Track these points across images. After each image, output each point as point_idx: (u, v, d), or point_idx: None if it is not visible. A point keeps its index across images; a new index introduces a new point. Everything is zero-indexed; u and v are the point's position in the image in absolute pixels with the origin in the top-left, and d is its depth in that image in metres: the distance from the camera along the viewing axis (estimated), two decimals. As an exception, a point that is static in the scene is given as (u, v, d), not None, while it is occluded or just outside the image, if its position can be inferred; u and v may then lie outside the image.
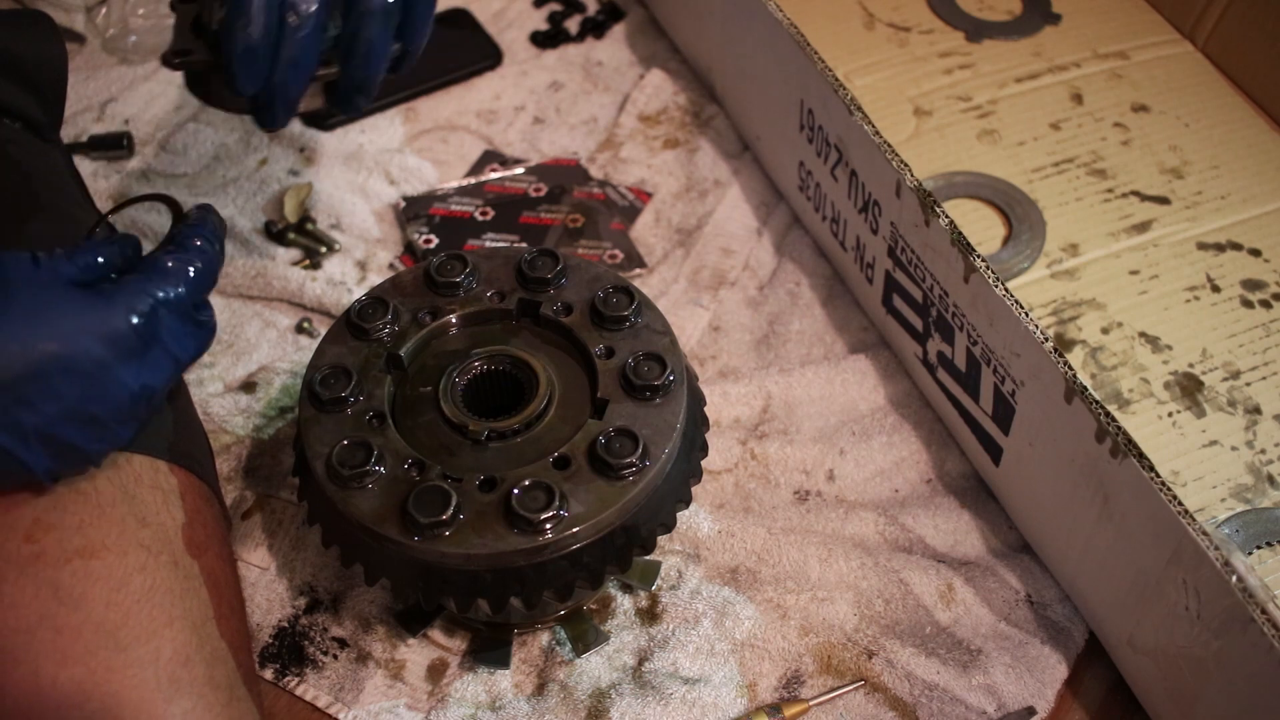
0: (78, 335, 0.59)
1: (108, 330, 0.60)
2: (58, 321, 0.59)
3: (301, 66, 0.72)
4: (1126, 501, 0.70)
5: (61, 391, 0.59)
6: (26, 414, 0.58)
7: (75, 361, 0.59)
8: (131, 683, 0.62)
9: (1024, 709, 0.77)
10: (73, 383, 0.59)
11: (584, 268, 0.78)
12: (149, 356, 0.62)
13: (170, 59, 0.76)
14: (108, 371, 0.60)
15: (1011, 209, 0.93)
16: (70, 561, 0.64)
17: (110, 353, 0.60)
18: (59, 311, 0.60)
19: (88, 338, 0.60)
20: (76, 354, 0.59)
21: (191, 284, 0.64)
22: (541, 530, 0.66)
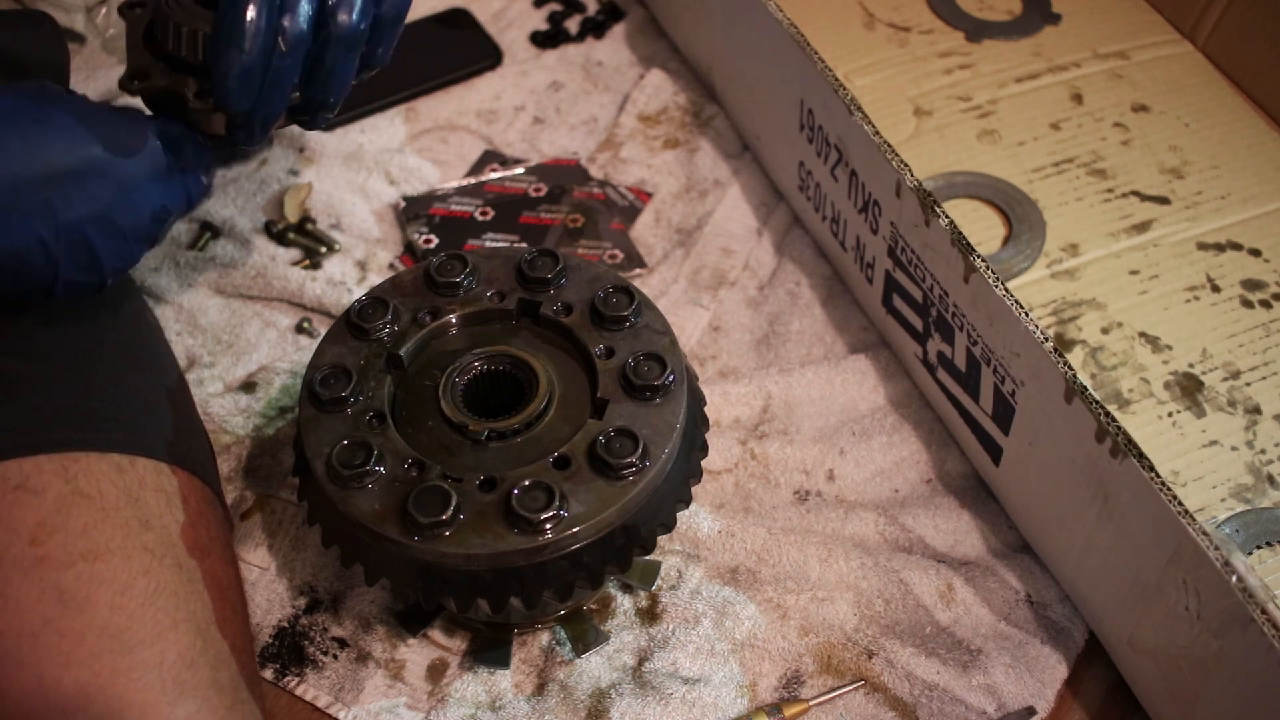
0: (118, 145, 0.67)
1: (144, 146, 0.68)
2: (100, 129, 0.66)
3: (284, 89, 0.72)
4: (1126, 501, 0.70)
5: (96, 194, 0.66)
6: (63, 208, 0.65)
7: (113, 168, 0.66)
8: (136, 686, 0.62)
9: (1024, 709, 0.77)
10: (106, 188, 0.66)
11: (584, 268, 0.78)
12: (171, 181, 0.70)
13: (128, 84, 0.74)
14: (137, 184, 0.67)
15: (1011, 209, 0.93)
16: (74, 565, 0.64)
17: (142, 168, 0.68)
18: (102, 121, 0.67)
19: (125, 150, 0.67)
20: (115, 162, 0.66)
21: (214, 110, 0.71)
22: (541, 530, 0.66)
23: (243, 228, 1.01)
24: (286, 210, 1.02)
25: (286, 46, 0.70)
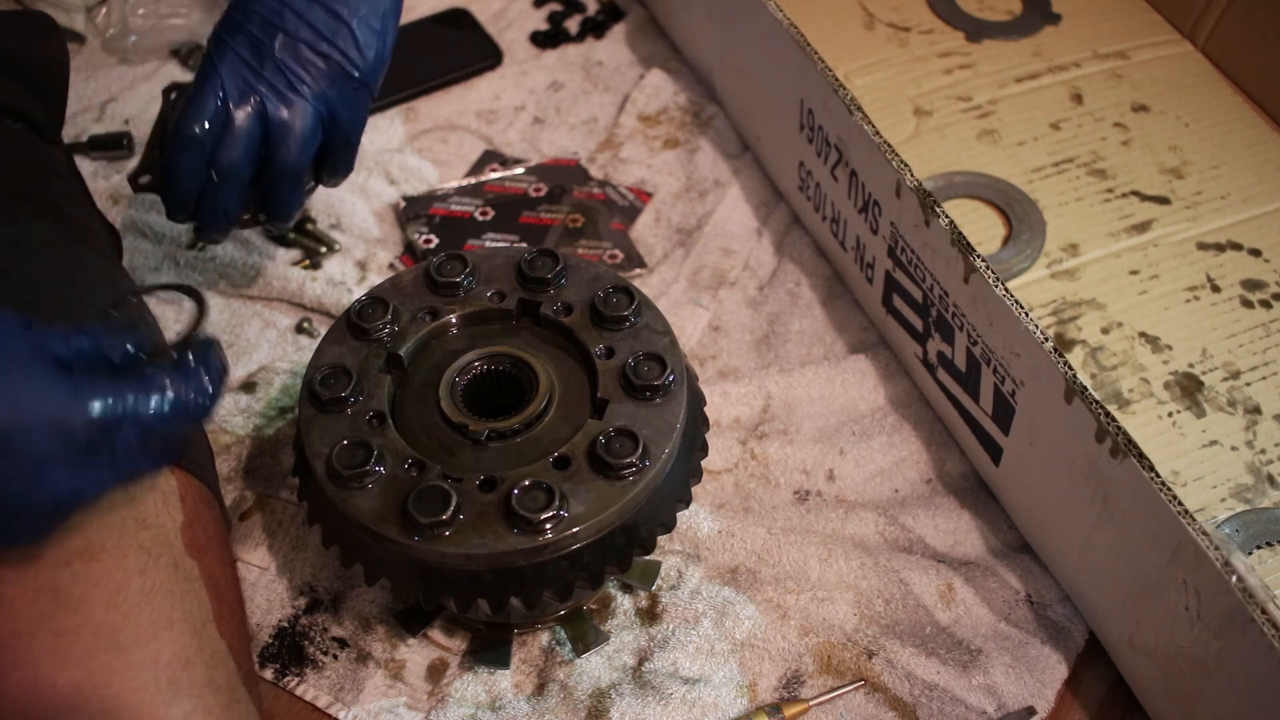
0: (27, 413, 0.52)
1: (59, 421, 0.53)
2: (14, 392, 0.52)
3: (225, 209, 0.80)
4: (1126, 501, 0.70)
5: None
6: None
7: (10, 438, 0.52)
8: (131, 685, 0.62)
9: (1024, 709, 0.77)
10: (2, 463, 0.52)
11: (584, 268, 0.78)
12: (92, 464, 0.54)
13: (132, 179, 0.86)
14: (41, 463, 0.53)
15: (1011, 209, 0.93)
16: (70, 564, 0.64)
17: (51, 445, 0.53)
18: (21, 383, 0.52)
19: (36, 420, 0.52)
20: (15, 430, 0.52)
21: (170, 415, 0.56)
22: (541, 530, 0.66)
23: (243, 228, 1.01)
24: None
25: (219, 178, 0.78)
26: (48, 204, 0.80)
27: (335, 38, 0.78)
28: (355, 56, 0.79)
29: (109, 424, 0.54)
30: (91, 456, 0.54)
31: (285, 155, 0.79)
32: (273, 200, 0.81)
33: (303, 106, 0.78)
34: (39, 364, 0.53)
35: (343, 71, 0.79)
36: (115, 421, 0.54)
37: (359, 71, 0.79)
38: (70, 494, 0.54)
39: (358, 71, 0.79)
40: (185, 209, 0.80)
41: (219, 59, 0.78)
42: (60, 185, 0.84)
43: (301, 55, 0.78)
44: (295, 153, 0.79)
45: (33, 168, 0.82)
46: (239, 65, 0.78)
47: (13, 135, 0.83)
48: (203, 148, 0.77)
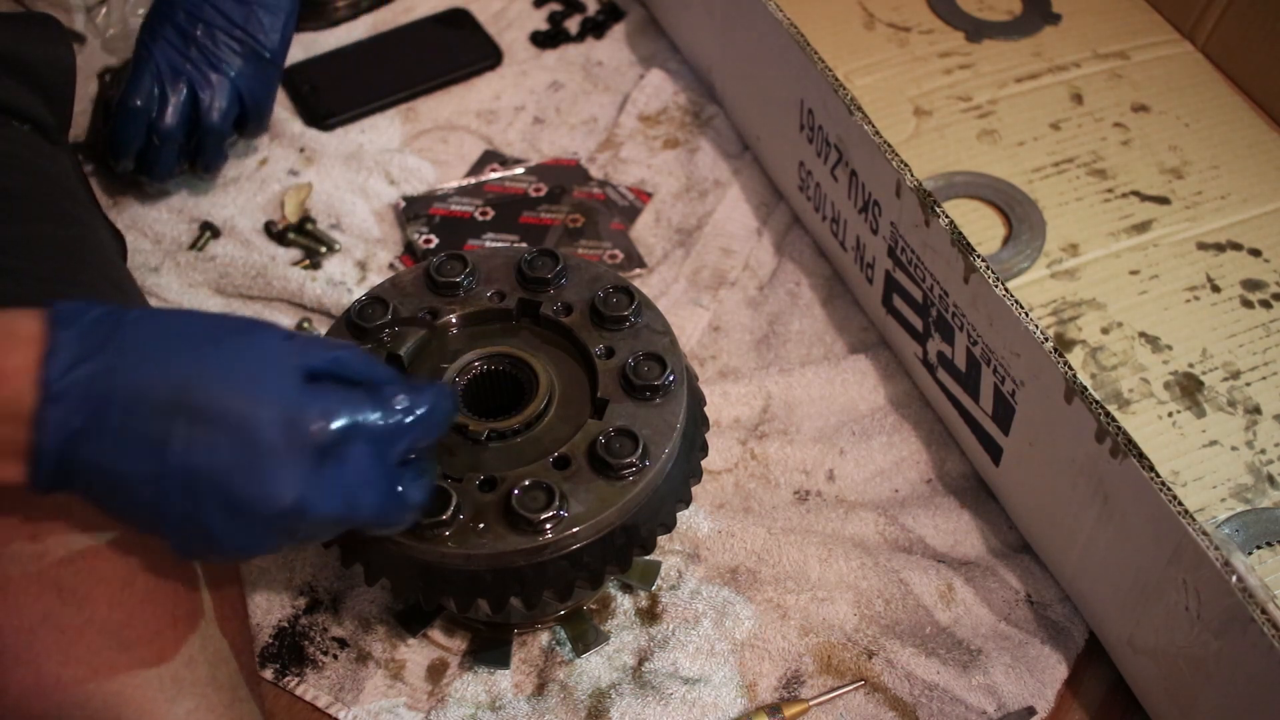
0: (266, 405, 0.54)
1: (293, 419, 0.55)
2: (258, 384, 0.55)
3: (165, 164, 0.98)
4: (1126, 501, 0.70)
5: (219, 447, 0.54)
6: (179, 445, 0.53)
7: (248, 426, 0.54)
8: (135, 683, 0.62)
9: (1024, 709, 0.77)
10: (234, 446, 0.54)
11: (584, 268, 0.78)
12: (320, 475, 0.56)
13: (80, 145, 1.05)
14: (273, 457, 0.54)
15: (1011, 209, 0.93)
16: (74, 561, 0.64)
17: (284, 441, 0.55)
18: (264, 378, 0.55)
19: (273, 414, 0.54)
20: (253, 420, 0.54)
21: (405, 428, 0.59)
22: (541, 530, 0.66)
23: (243, 228, 1.01)
24: (286, 210, 1.02)
25: (159, 141, 0.96)
26: (54, 205, 0.80)
27: (247, 24, 0.95)
28: (264, 39, 0.96)
29: (340, 434, 0.56)
30: (321, 465, 0.56)
31: (210, 121, 0.96)
32: (203, 156, 0.99)
33: (223, 83, 0.96)
34: (286, 366, 0.56)
35: (254, 52, 0.96)
36: (346, 432, 0.56)
37: (268, 52, 0.96)
38: (296, 501, 0.55)
39: (267, 52, 0.96)
40: (128, 164, 0.98)
41: (152, 44, 0.95)
42: (66, 187, 0.84)
43: (219, 40, 0.95)
44: (218, 120, 0.96)
45: (39, 169, 0.82)
46: (169, 49, 0.95)
47: (19, 137, 0.83)
48: (142, 117, 0.95)
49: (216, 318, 0.59)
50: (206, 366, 0.55)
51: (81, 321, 0.54)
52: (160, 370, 0.54)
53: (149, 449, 0.53)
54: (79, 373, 0.53)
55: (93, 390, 0.53)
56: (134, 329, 0.55)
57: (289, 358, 0.57)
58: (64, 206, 0.81)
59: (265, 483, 0.55)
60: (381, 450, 0.58)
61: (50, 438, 0.53)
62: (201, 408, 0.54)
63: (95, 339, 0.54)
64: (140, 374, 0.54)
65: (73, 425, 0.53)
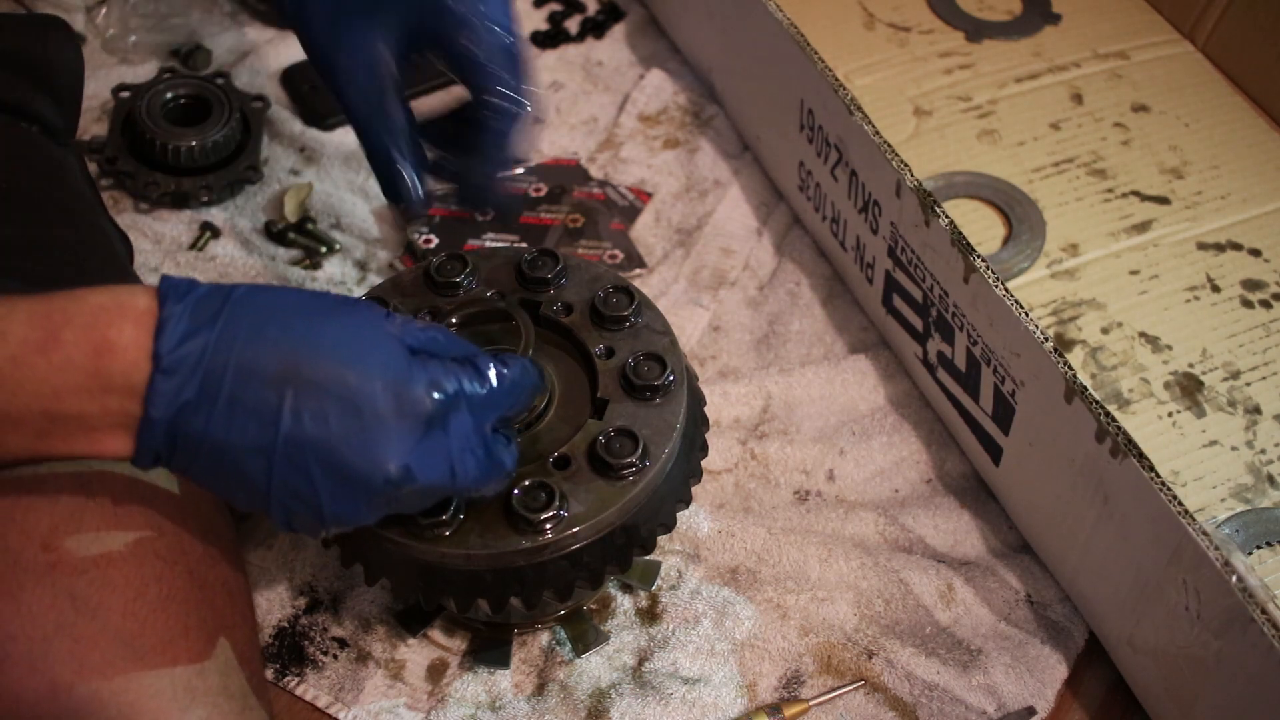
0: (376, 374, 0.56)
1: (403, 386, 0.56)
2: (367, 355, 0.56)
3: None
4: (1126, 501, 0.70)
5: (329, 417, 0.55)
6: (290, 415, 0.54)
7: (359, 396, 0.55)
8: (148, 691, 0.63)
9: (1024, 709, 0.77)
10: (344, 416, 0.55)
11: (584, 268, 0.78)
12: (425, 442, 0.57)
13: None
14: (383, 424, 0.56)
15: (1011, 209, 0.93)
16: (87, 570, 0.64)
17: (393, 407, 0.56)
18: (373, 349, 0.57)
19: (382, 383, 0.56)
20: (363, 390, 0.55)
21: (499, 396, 0.60)
22: (541, 530, 0.66)
23: (243, 228, 1.01)
24: (286, 210, 1.02)
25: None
26: (61, 206, 0.80)
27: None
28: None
29: (446, 403, 0.58)
30: (426, 434, 0.57)
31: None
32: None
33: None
34: (392, 340, 0.58)
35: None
36: (451, 401, 0.58)
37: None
38: (403, 469, 0.57)
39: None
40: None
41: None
42: (73, 188, 0.84)
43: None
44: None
45: (47, 170, 0.82)
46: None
47: (27, 138, 0.83)
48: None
49: (319, 294, 0.60)
50: (316, 338, 0.56)
51: (192, 296, 0.55)
52: (270, 342, 0.55)
53: (260, 420, 0.54)
54: (191, 345, 0.54)
55: (204, 362, 0.54)
56: (242, 303, 0.56)
57: (388, 330, 0.58)
58: (72, 208, 0.81)
59: (375, 451, 0.56)
60: (480, 419, 0.60)
61: (161, 409, 0.54)
62: (312, 378, 0.55)
63: (206, 313, 0.55)
64: (251, 346, 0.55)
65: (184, 397, 0.54)
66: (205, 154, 1.00)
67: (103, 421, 0.54)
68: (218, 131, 1.00)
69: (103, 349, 0.53)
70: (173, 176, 1.00)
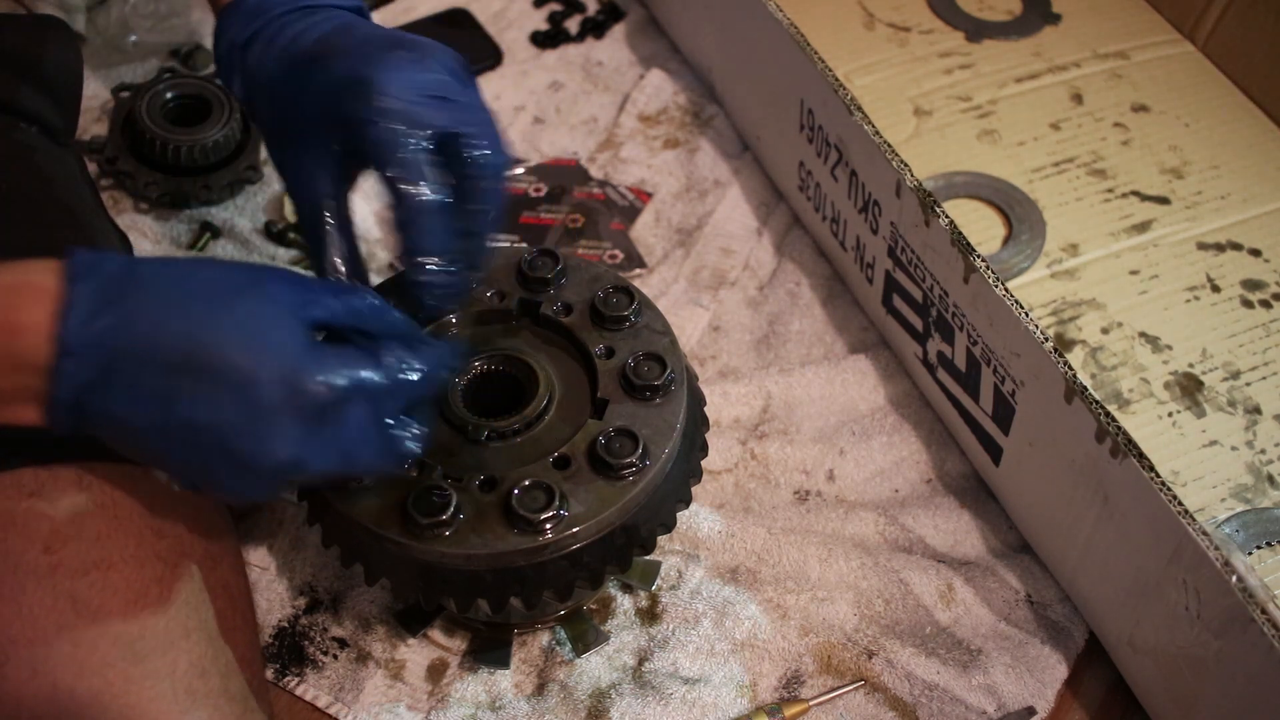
0: (268, 365, 0.56)
1: (295, 379, 0.56)
2: (261, 345, 0.56)
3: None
4: (1126, 501, 0.70)
5: (222, 406, 0.55)
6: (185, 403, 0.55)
7: (249, 386, 0.55)
8: (149, 694, 0.63)
9: (1024, 709, 0.77)
10: (236, 405, 0.56)
11: (584, 268, 0.78)
12: (318, 433, 0.57)
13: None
14: (271, 417, 0.56)
15: (1011, 209, 0.93)
16: (88, 573, 0.64)
17: (283, 400, 0.56)
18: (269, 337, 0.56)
19: (274, 374, 0.56)
20: (254, 380, 0.55)
21: (403, 388, 0.60)
22: (541, 530, 0.66)
23: (243, 228, 1.01)
24: (286, 210, 1.02)
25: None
26: (61, 207, 0.80)
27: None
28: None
29: (340, 394, 0.57)
30: (320, 425, 0.57)
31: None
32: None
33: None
34: (294, 323, 0.57)
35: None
36: (345, 392, 0.57)
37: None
38: (293, 458, 0.57)
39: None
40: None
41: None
42: (73, 188, 0.84)
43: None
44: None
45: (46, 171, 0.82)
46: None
47: (26, 138, 0.83)
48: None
49: (229, 269, 0.60)
50: (215, 324, 0.56)
51: (97, 275, 0.56)
52: (170, 327, 0.56)
53: (157, 403, 0.55)
54: (93, 328, 0.54)
55: (105, 345, 0.54)
56: (148, 285, 0.56)
57: (298, 310, 0.58)
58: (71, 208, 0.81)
59: (264, 441, 0.56)
60: (379, 408, 0.60)
61: (64, 389, 0.55)
62: (207, 366, 0.55)
63: (110, 293, 0.55)
64: (151, 331, 0.55)
65: (85, 377, 0.54)
66: (205, 154, 0.99)
67: (17, 396, 0.56)
68: (218, 131, 1.00)
69: (11, 329, 0.54)
70: (173, 176, 1.00)
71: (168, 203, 1.01)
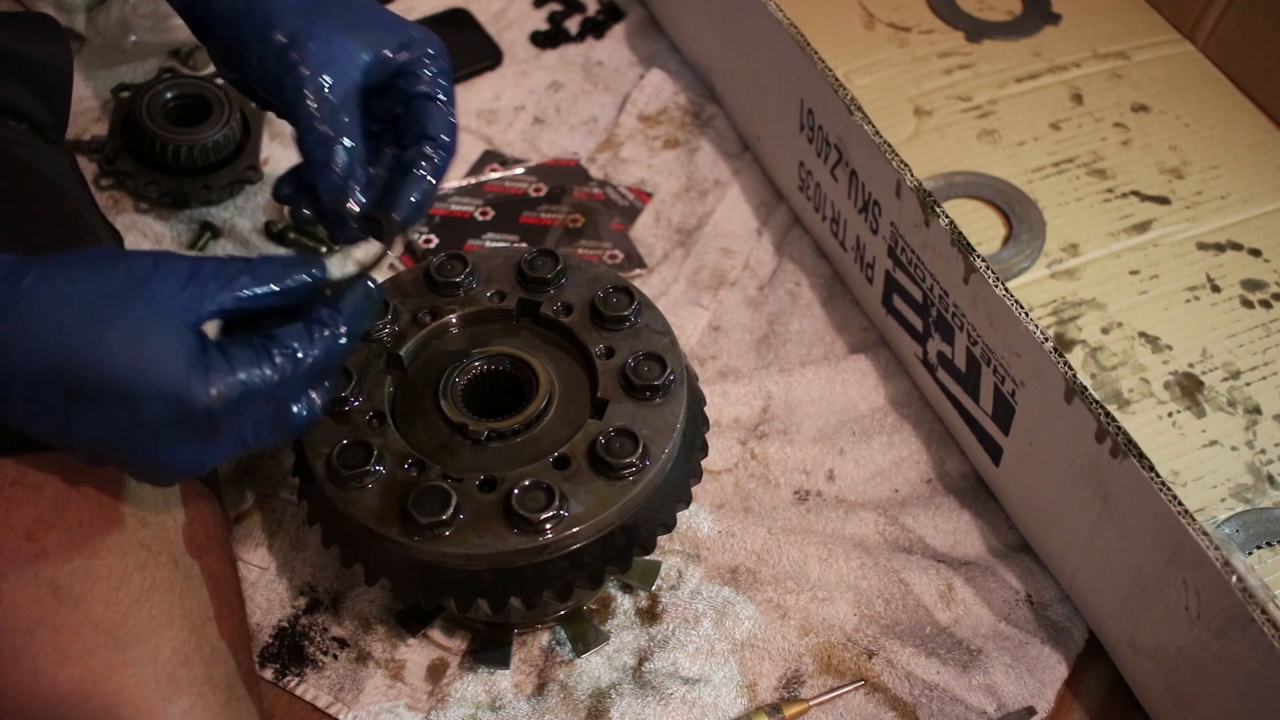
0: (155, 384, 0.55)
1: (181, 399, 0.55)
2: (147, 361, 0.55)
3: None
4: (1126, 501, 0.70)
5: (116, 424, 0.55)
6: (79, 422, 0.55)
7: (140, 409, 0.55)
8: (130, 682, 0.62)
9: (1024, 709, 0.77)
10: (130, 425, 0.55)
11: (584, 268, 0.78)
12: (216, 439, 0.57)
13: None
14: (164, 432, 0.56)
15: (1011, 209, 0.93)
16: (70, 560, 0.64)
17: (172, 418, 0.55)
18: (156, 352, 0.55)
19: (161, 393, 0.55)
20: (142, 399, 0.55)
21: (298, 377, 0.59)
22: (541, 530, 0.66)
23: (242, 228, 1.01)
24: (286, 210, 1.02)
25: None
26: (52, 206, 0.80)
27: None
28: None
29: (232, 403, 0.56)
30: (212, 434, 0.57)
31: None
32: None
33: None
34: (180, 329, 0.56)
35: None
36: (238, 400, 0.57)
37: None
38: (192, 463, 0.58)
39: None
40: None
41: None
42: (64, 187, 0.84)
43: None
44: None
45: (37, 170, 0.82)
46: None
47: (16, 137, 0.83)
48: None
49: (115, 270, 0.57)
50: (97, 347, 0.55)
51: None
52: (54, 350, 0.55)
53: (54, 422, 0.56)
54: None
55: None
56: (27, 301, 0.55)
57: (185, 313, 0.56)
58: (62, 206, 0.81)
59: (160, 453, 0.57)
60: (276, 397, 0.58)
61: None
62: (95, 389, 0.55)
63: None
64: (35, 351, 0.55)
65: None
66: (205, 154, 0.99)
67: None
68: (218, 131, 1.00)
69: None
70: (173, 176, 1.00)
71: (168, 203, 1.01)
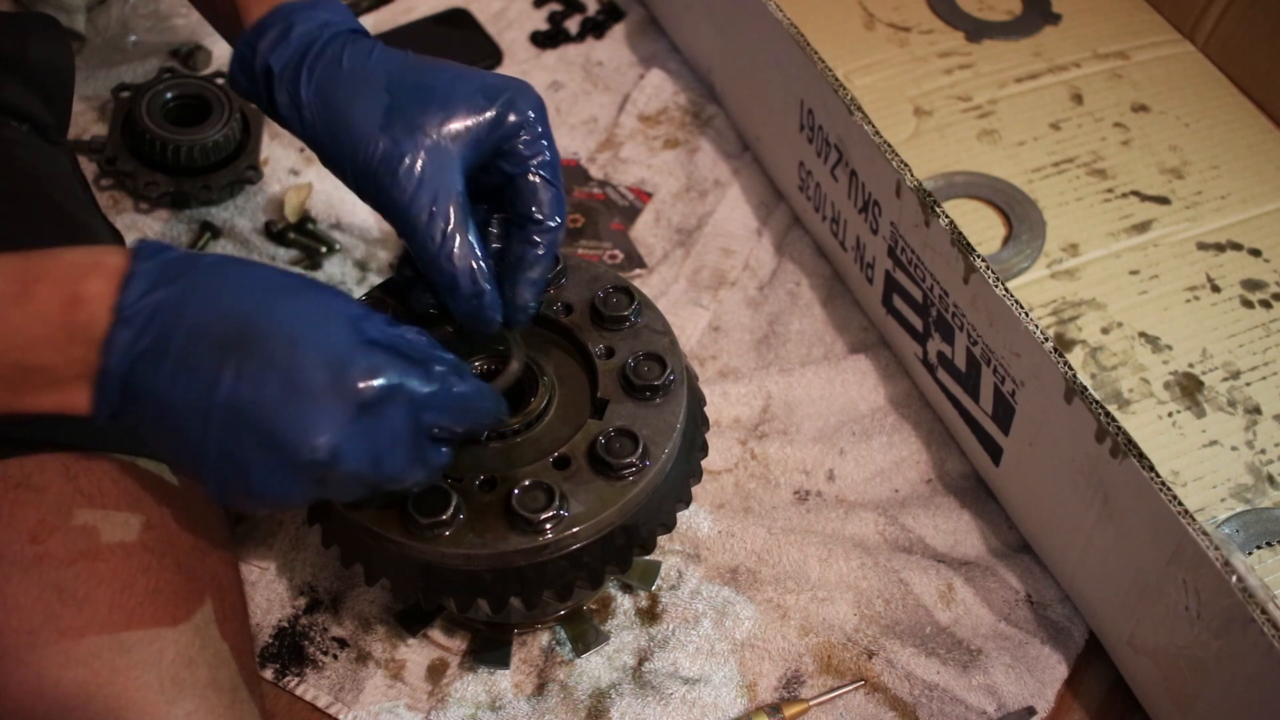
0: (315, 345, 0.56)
1: (341, 364, 0.56)
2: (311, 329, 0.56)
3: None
4: (1126, 501, 0.70)
5: (266, 384, 0.55)
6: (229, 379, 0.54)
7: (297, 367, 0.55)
8: (135, 684, 0.63)
9: (1024, 709, 0.77)
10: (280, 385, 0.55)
11: (584, 268, 0.78)
12: (356, 425, 0.56)
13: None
14: (313, 401, 0.55)
15: (1011, 209, 0.93)
16: (75, 563, 0.64)
17: (327, 383, 0.55)
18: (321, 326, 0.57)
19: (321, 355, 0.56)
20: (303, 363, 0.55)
21: (443, 400, 0.59)
22: (541, 530, 0.66)
23: (243, 228, 1.01)
24: (286, 210, 1.02)
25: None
26: (53, 206, 0.80)
27: None
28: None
29: (382, 391, 0.57)
30: (359, 417, 0.56)
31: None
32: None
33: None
34: (345, 324, 0.57)
35: None
36: (388, 391, 0.57)
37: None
38: (330, 447, 0.56)
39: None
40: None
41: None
42: (65, 188, 0.84)
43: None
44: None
45: (38, 170, 0.82)
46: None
47: (18, 137, 0.83)
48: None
49: (289, 274, 0.60)
50: (269, 311, 0.56)
51: (161, 257, 0.56)
52: (224, 308, 0.56)
53: (203, 380, 0.55)
54: (150, 300, 0.54)
55: (160, 317, 0.54)
56: (209, 270, 0.57)
57: (351, 319, 0.58)
58: (63, 207, 0.81)
59: (305, 423, 0.55)
60: (417, 416, 0.59)
61: (116, 360, 0.54)
62: (256, 346, 0.55)
63: (171, 273, 0.55)
64: (206, 308, 0.55)
65: (138, 348, 0.54)
66: (205, 154, 0.99)
67: (67, 373, 0.55)
68: (218, 131, 1.00)
69: (72, 301, 0.54)
70: (173, 176, 1.00)
71: (168, 203, 1.01)
